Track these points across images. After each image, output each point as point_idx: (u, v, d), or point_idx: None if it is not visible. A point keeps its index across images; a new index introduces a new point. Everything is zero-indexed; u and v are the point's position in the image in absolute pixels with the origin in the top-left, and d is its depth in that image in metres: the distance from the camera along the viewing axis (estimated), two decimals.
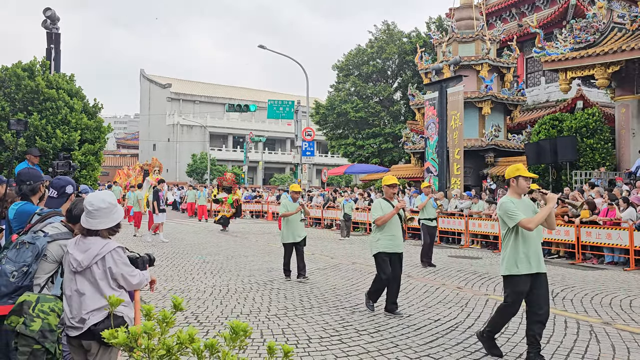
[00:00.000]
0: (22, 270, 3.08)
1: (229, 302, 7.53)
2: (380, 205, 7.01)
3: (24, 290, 3.05)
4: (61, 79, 12.60)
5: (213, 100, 63.68)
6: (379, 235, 6.94)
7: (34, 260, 3.12)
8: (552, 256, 12.92)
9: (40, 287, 3.13)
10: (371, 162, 34.68)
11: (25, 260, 3.10)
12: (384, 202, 7.04)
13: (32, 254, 3.12)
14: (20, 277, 3.08)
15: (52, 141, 11.47)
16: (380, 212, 6.92)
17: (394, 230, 6.96)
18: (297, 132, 29.96)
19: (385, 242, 6.88)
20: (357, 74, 36.67)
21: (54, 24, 12.28)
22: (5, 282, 3.04)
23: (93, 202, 3.09)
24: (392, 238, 6.92)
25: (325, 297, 7.96)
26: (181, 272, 10.14)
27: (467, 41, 23.17)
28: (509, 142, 23.23)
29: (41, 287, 3.14)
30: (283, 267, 9.54)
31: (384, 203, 7.03)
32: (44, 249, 3.16)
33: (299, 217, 9.39)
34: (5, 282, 3.04)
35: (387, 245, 6.87)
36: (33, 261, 3.12)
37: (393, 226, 6.96)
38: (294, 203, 9.50)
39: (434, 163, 19.57)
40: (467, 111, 21.45)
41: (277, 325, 6.28)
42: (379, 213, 6.93)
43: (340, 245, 15.42)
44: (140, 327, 1.90)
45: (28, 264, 3.09)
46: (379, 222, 6.86)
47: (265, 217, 28.74)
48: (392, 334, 6.00)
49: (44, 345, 2.78)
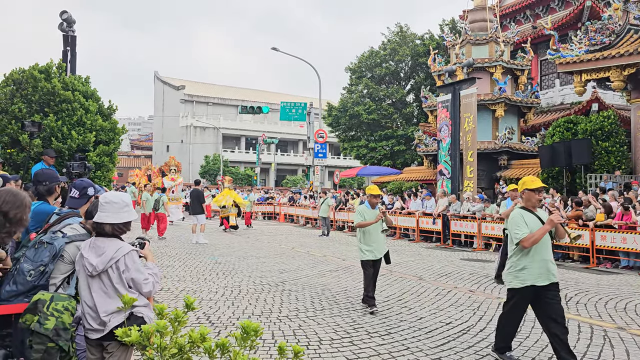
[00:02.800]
0: (39, 269, 3.13)
1: (240, 303, 7.57)
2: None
3: (40, 289, 3.10)
4: (77, 80, 12.75)
5: (226, 102, 63.97)
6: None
7: (50, 260, 3.17)
8: (567, 260, 12.79)
9: (56, 287, 3.18)
10: (383, 164, 34.57)
11: (43, 260, 3.15)
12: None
13: (49, 254, 3.18)
14: (37, 276, 3.14)
15: (67, 142, 11.61)
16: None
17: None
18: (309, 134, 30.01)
19: None
20: (369, 76, 36.62)
21: (70, 26, 12.44)
22: (22, 280, 3.10)
23: (107, 196, 3.16)
24: None
25: (336, 299, 7.96)
26: (193, 272, 10.20)
27: (481, 43, 23.04)
28: (522, 145, 23.04)
29: (57, 287, 3.18)
30: (364, 293, 7.44)
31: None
32: (62, 249, 3.21)
33: (380, 228, 7.54)
34: (22, 281, 3.10)
35: None
36: (50, 261, 3.17)
37: None
38: (372, 210, 7.58)
39: (447, 165, 19.47)
40: (480, 113, 21.33)
41: (288, 327, 6.29)
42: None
43: (351, 247, 15.41)
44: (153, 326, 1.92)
45: (45, 263, 3.15)
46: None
47: (278, 219, 28.81)
48: (404, 336, 5.98)
49: (57, 343, 2.82)
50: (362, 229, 7.45)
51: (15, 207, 3.05)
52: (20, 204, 3.08)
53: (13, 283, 3.14)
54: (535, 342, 5.81)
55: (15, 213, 3.05)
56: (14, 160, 11.35)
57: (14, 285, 3.13)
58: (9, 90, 12.08)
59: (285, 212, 28.25)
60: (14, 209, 3.04)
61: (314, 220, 24.53)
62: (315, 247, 15.07)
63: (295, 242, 16.71)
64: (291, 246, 15.28)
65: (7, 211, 3.02)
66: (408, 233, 18.74)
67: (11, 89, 12.09)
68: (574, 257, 12.85)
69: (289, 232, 20.66)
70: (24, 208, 3.08)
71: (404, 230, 18.91)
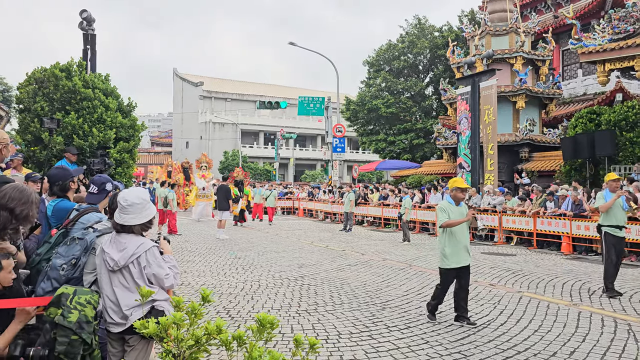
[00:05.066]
0: (71, 262, 3.23)
1: (260, 297, 7.62)
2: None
3: (75, 281, 3.18)
4: (97, 78, 12.92)
5: (244, 97, 64.21)
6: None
7: (82, 253, 3.28)
8: (590, 253, 12.60)
9: (90, 284, 3.24)
10: (402, 158, 34.43)
11: (74, 253, 3.25)
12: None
13: (80, 247, 3.29)
14: (69, 269, 3.23)
15: (88, 139, 11.78)
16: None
17: None
18: (327, 129, 29.99)
19: None
20: (388, 69, 36.43)
21: (89, 25, 12.60)
22: (56, 275, 3.19)
23: (127, 198, 3.18)
24: None
25: (355, 293, 7.97)
26: (213, 267, 10.30)
27: (501, 34, 22.73)
28: (544, 137, 22.71)
29: (91, 283, 3.25)
30: (432, 301, 6.47)
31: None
32: (93, 242, 3.32)
33: (467, 229, 6.46)
34: (56, 275, 3.19)
35: None
36: (82, 254, 3.27)
37: None
38: (457, 207, 6.41)
39: (467, 159, 19.30)
40: (500, 105, 21.08)
41: (307, 321, 6.33)
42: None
43: (370, 242, 15.40)
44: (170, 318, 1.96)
45: (77, 256, 3.25)
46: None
47: (297, 214, 28.90)
48: (423, 330, 5.97)
49: (81, 335, 2.87)
50: (447, 229, 6.30)
51: (21, 204, 3.06)
52: (27, 200, 3.09)
53: (47, 279, 3.22)
54: None
55: (22, 209, 3.06)
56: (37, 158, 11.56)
57: (49, 281, 3.21)
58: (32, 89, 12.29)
59: (304, 206, 28.31)
60: (19, 206, 3.05)
61: (333, 214, 24.55)
62: (334, 242, 15.09)
63: (314, 236, 16.75)
64: (310, 241, 15.33)
65: (13, 208, 3.03)
66: (428, 227, 18.64)
67: (33, 88, 12.30)
68: (597, 250, 12.64)
69: (308, 227, 20.71)
70: (30, 204, 3.09)
71: (424, 224, 18.81)
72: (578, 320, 6.40)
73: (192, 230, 18.18)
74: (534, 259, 11.88)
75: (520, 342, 5.53)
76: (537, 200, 14.67)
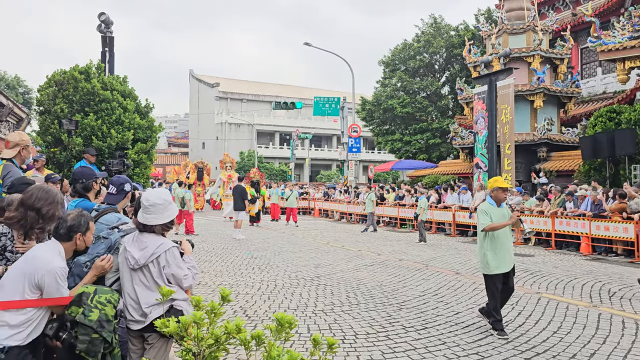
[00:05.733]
0: (94, 260, 3.27)
1: (276, 297, 7.65)
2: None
3: (97, 280, 3.23)
4: (115, 80, 13.09)
5: (260, 98, 64.47)
6: None
7: (106, 252, 3.34)
8: (610, 254, 12.42)
9: (111, 283, 3.30)
10: (418, 158, 34.27)
11: (99, 252, 3.32)
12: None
13: (105, 246, 3.37)
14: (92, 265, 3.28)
15: (107, 141, 11.94)
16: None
17: None
18: (343, 129, 29.99)
19: None
20: (403, 69, 36.28)
21: (108, 27, 12.77)
22: (79, 271, 3.25)
23: (149, 198, 3.24)
24: None
25: (372, 293, 7.96)
26: (230, 267, 10.36)
27: (518, 32, 22.50)
28: (562, 136, 22.43)
29: (112, 283, 3.31)
30: (493, 314, 5.92)
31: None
32: (117, 242, 3.38)
33: (510, 232, 6.13)
34: (80, 272, 3.25)
35: None
36: (106, 253, 3.33)
37: None
38: (498, 208, 6.03)
39: (484, 158, 19.14)
40: (518, 105, 20.87)
41: (323, 321, 6.33)
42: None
43: (386, 242, 15.36)
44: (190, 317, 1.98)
45: (101, 255, 3.29)
46: None
47: (312, 214, 28.93)
48: (440, 331, 5.94)
49: (101, 334, 2.92)
50: (488, 233, 5.92)
51: (47, 204, 3.21)
52: (52, 200, 3.24)
53: (70, 276, 3.29)
54: None
55: (48, 209, 3.21)
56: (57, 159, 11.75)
57: (71, 277, 3.28)
58: (52, 91, 12.50)
59: (320, 207, 28.34)
60: (46, 206, 3.20)
61: (349, 215, 24.52)
62: (350, 242, 15.08)
63: (330, 237, 16.76)
64: (326, 241, 15.34)
65: (40, 208, 3.18)
66: (444, 227, 18.54)
67: (53, 90, 12.51)
68: (617, 251, 12.46)
69: (324, 227, 20.73)
70: (56, 204, 3.24)
71: (440, 225, 18.71)
72: (598, 322, 6.31)
73: (209, 230, 18.30)
74: (553, 260, 11.74)
75: (539, 343, 5.47)
76: (556, 201, 14.50)
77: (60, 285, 2.93)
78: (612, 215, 12.35)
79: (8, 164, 5.23)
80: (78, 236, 3.15)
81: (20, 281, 2.86)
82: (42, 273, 2.86)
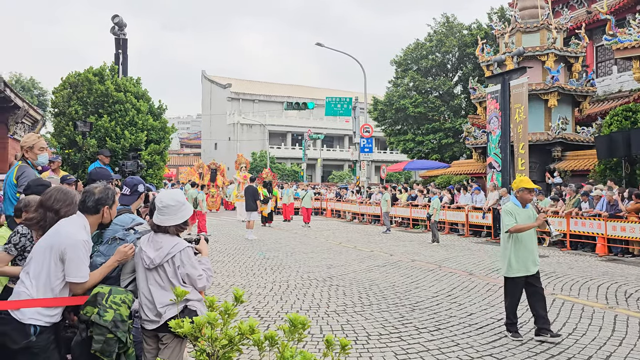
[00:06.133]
0: None
1: (288, 297, 7.67)
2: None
3: (112, 281, 3.27)
4: (128, 82, 13.20)
5: (271, 98, 64.61)
6: None
7: None
8: (627, 255, 12.27)
9: (126, 285, 3.33)
10: (431, 158, 34.11)
11: None
12: None
13: None
14: None
15: (121, 142, 12.05)
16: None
17: None
18: (355, 129, 29.93)
19: None
20: (415, 68, 36.14)
21: (121, 30, 12.88)
22: None
23: (163, 200, 3.27)
24: None
25: (384, 294, 7.95)
26: (242, 268, 10.40)
27: (532, 31, 22.31)
28: (577, 135, 22.19)
29: (126, 284, 3.34)
30: (507, 317, 5.89)
31: None
32: (133, 244, 3.37)
33: (535, 234, 5.97)
34: None
35: None
36: None
37: None
38: (524, 209, 5.87)
39: (497, 158, 19.00)
40: (532, 104, 20.68)
41: (336, 322, 6.34)
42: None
43: (399, 243, 15.31)
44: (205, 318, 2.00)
45: None
46: None
47: (324, 214, 28.93)
48: (453, 332, 5.91)
49: (116, 334, 2.96)
50: (512, 235, 5.77)
51: (65, 205, 3.29)
52: (71, 201, 3.32)
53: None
54: None
55: (66, 211, 3.27)
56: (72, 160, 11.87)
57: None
58: (66, 93, 12.64)
59: (332, 207, 28.33)
60: (64, 207, 3.28)
61: (361, 215, 24.49)
62: (363, 243, 15.06)
63: (342, 237, 16.75)
64: (338, 241, 15.33)
65: (59, 209, 3.26)
66: (457, 228, 18.44)
67: (68, 92, 12.64)
68: (634, 251, 12.31)
69: (336, 228, 20.73)
70: (74, 206, 3.31)
71: (453, 225, 18.62)
72: (614, 323, 6.24)
73: (221, 231, 18.39)
74: (568, 261, 11.63)
75: (553, 345, 5.43)
76: (571, 201, 14.35)
77: (82, 260, 3.02)
78: (629, 216, 12.20)
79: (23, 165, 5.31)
80: (105, 209, 3.24)
81: (47, 254, 2.99)
82: (65, 246, 2.97)
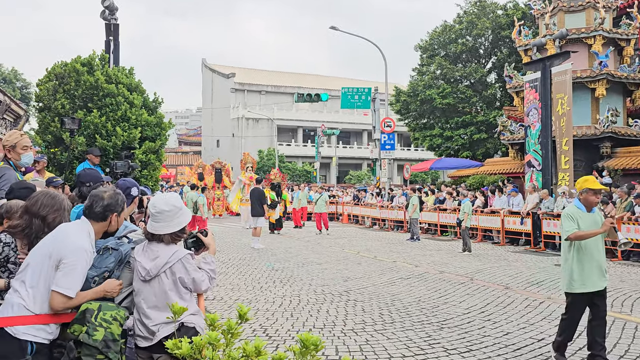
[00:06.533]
0: (103, 275, 3.34)
1: (300, 314, 7.68)
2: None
3: None
4: (120, 72, 13.29)
5: (280, 90, 64.79)
6: None
7: (116, 266, 3.39)
8: None
9: (120, 300, 3.36)
10: (461, 155, 33.94)
11: (108, 265, 3.37)
12: None
13: (114, 259, 3.40)
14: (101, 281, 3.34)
15: (112, 139, 12.14)
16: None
17: None
18: (374, 123, 29.94)
19: None
20: (443, 54, 36.02)
21: (112, 14, 13.00)
22: (86, 287, 3.31)
23: (156, 205, 3.28)
24: None
25: (408, 310, 7.93)
26: (248, 280, 10.44)
27: (576, 10, 22.13)
28: (629, 129, 21.95)
29: (121, 300, 3.37)
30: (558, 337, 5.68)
31: None
32: (128, 255, 3.42)
33: (601, 242, 5.74)
34: (86, 287, 3.31)
35: None
36: (115, 267, 3.38)
37: None
38: (588, 214, 5.64)
39: (537, 156, 18.87)
40: (576, 93, 20.50)
41: (353, 341, 6.34)
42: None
43: (425, 252, 15.27)
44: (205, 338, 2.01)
45: (110, 269, 3.36)
46: None
47: (340, 220, 28.93)
48: (487, 354, 5.89)
49: (107, 355, 2.97)
50: (575, 243, 5.54)
51: (53, 211, 3.29)
52: (59, 207, 3.32)
53: None
54: None
55: (54, 217, 3.28)
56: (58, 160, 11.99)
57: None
58: (52, 85, 12.76)
59: (349, 212, 28.33)
60: (52, 213, 3.29)
61: (382, 221, 24.44)
62: (384, 252, 15.05)
63: (360, 246, 16.74)
64: (356, 251, 15.33)
65: (46, 215, 3.26)
66: (492, 235, 18.33)
67: (54, 84, 12.76)
68: None
69: (354, 235, 20.72)
70: (62, 211, 3.32)
71: (487, 232, 18.51)
72: None
73: (225, 239, 18.48)
74: (618, 272, 11.50)
75: None
76: (622, 204, 14.20)
77: (78, 272, 3.03)
78: None
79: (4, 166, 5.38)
80: (113, 216, 3.25)
81: (45, 262, 3.01)
82: (65, 252, 2.99)
